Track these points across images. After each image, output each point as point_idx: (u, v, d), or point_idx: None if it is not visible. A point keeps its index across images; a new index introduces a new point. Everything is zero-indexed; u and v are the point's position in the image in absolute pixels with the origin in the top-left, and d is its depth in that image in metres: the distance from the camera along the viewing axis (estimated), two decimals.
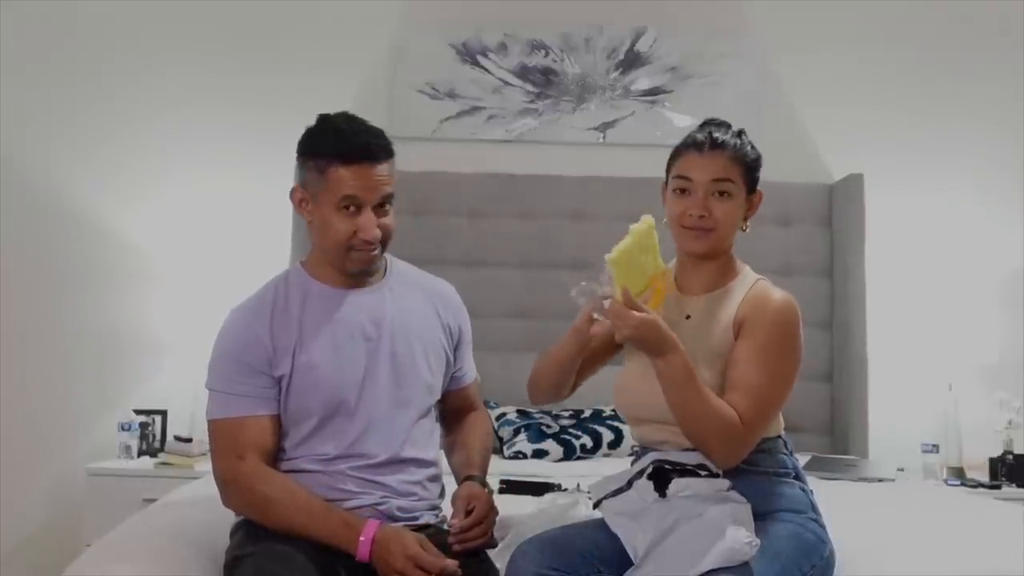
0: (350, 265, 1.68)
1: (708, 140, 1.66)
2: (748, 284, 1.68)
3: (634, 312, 1.50)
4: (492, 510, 1.66)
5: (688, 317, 1.68)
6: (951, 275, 3.47)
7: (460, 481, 1.73)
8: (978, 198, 3.58)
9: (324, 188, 1.63)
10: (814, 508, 1.63)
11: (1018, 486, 3.12)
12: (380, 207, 1.65)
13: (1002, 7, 3.64)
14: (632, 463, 1.71)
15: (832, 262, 3.53)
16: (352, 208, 1.63)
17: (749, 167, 1.67)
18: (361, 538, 1.53)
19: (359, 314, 1.69)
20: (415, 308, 1.75)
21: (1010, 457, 3.17)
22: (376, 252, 1.67)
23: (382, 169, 1.64)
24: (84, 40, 3.57)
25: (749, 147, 1.69)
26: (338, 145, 1.62)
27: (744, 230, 1.71)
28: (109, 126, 3.54)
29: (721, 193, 1.64)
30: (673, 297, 1.72)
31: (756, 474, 1.61)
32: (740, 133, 1.70)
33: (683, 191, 1.66)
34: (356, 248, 1.65)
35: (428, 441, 1.75)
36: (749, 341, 1.60)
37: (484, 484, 1.72)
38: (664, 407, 1.57)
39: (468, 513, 1.62)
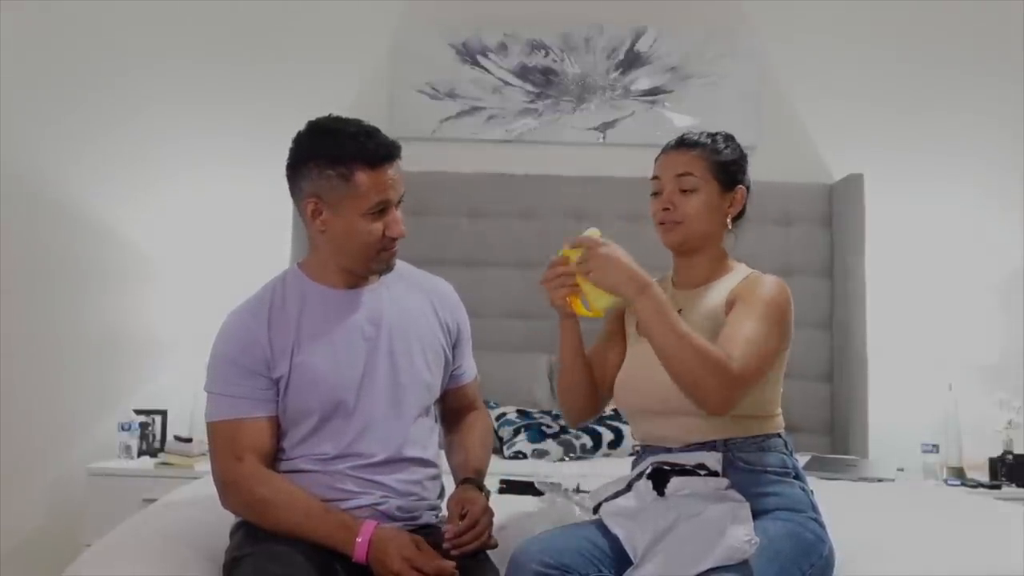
0: (375, 265, 1.68)
1: (676, 141, 1.75)
2: (740, 276, 1.72)
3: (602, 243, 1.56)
4: (487, 513, 1.64)
5: (680, 311, 1.68)
6: (951, 275, 3.47)
7: (458, 483, 1.73)
8: (978, 198, 3.58)
9: (349, 195, 1.60)
10: (814, 508, 1.63)
11: (1018, 486, 3.12)
12: (398, 203, 1.66)
13: (1002, 7, 3.64)
14: (633, 464, 1.72)
15: (832, 262, 3.53)
16: (383, 210, 1.62)
17: (720, 164, 1.72)
18: (358, 539, 1.52)
19: (357, 314, 1.69)
20: (413, 307, 1.75)
21: (1010, 457, 3.18)
22: (396, 250, 1.69)
23: (398, 168, 1.64)
24: (83, 40, 3.57)
25: (725, 146, 1.74)
26: (362, 149, 1.60)
27: (729, 227, 1.74)
28: (109, 127, 3.54)
29: (684, 189, 1.70)
30: (668, 292, 1.73)
31: (756, 473, 1.61)
32: (717, 136, 1.75)
33: (655, 192, 1.75)
34: (385, 248, 1.65)
35: (428, 440, 1.74)
36: (740, 305, 1.62)
37: (480, 487, 1.72)
38: (666, 396, 1.57)
39: (462, 517, 1.62)
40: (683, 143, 1.74)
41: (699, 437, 1.62)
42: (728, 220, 1.73)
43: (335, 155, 1.60)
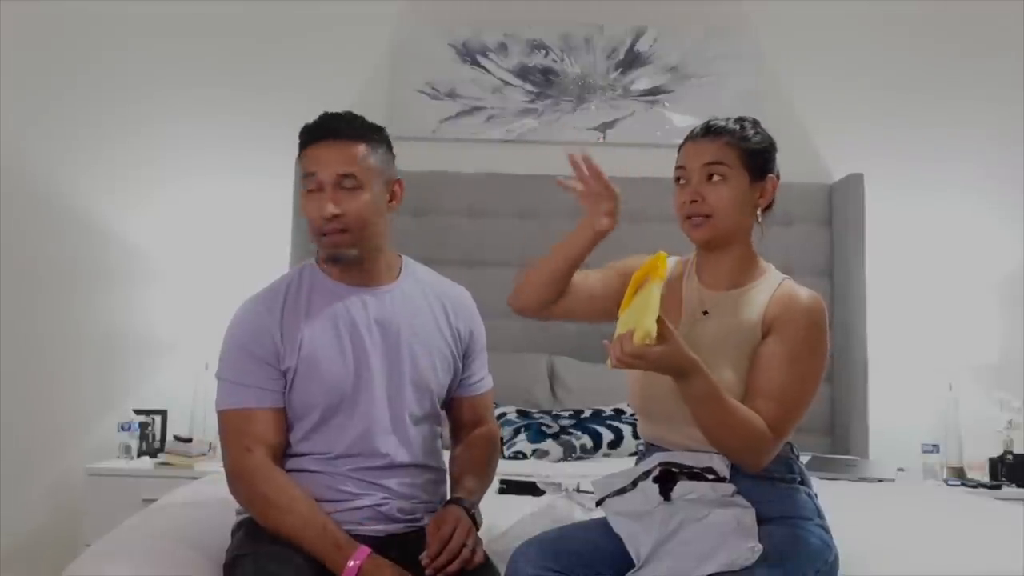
0: (322, 251, 1.69)
1: (703, 129, 1.65)
2: (774, 283, 1.64)
3: (648, 350, 1.39)
4: (461, 531, 1.57)
5: (706, 312, 1.64)
6: (951, 275, 3.47)
7: (447, 503, 1.69)
8: (978, 198, 3.58)
9: (300, 174, 1.68)
10: (819, 514, 1.61)
11: (1018, 486, 3.12)
12: (342, 188, 1.62)
13: (1002, 8, 3.64)
14: (637, 461, 1.70)
15: (832, 262, 3.53)
16: (314, 188, 1.63)
17: (750, 152, 1.62)
18: (350, 563, 1.50)
19: (366, 313, 1.68)
20: (424, 311, 1.74)
21: (1010, 457, 3.18)
22: (345, 237, 1.63)
23: (345, 147, 1.62)
24: (84, 42, 3.57)
25: (753, 133, 1.64)
26: (306, 127, 1.66)
27: (758, 220, 1.65)
28: (110, 128, 3.54)
29: (712, 176, 1.60)
30: (693, 289, 1.68)
31: (763, 479, 1.58)
32: (745, 121, 1.65)
33: (680, 181, 1.65)
34: (325, 233, 1.63)
35: (430, 446, 1.74)
36: (778, 343, 1.55)
37: (469, 507, 1.65)
38: (681, 409, 1.53)
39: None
40: (710, 130, 1.63)
41: (709, 448, 1.58)
42: (758, 213, 1.64)
43: (299, 139, 1.67)
